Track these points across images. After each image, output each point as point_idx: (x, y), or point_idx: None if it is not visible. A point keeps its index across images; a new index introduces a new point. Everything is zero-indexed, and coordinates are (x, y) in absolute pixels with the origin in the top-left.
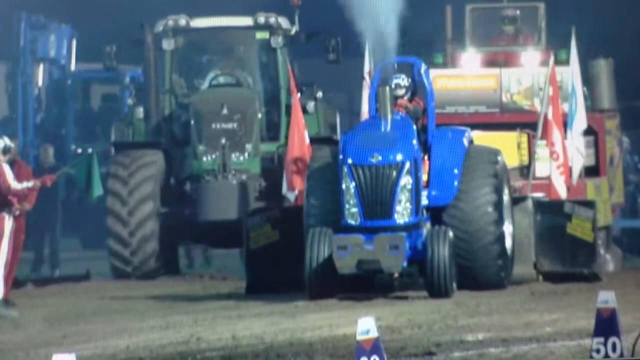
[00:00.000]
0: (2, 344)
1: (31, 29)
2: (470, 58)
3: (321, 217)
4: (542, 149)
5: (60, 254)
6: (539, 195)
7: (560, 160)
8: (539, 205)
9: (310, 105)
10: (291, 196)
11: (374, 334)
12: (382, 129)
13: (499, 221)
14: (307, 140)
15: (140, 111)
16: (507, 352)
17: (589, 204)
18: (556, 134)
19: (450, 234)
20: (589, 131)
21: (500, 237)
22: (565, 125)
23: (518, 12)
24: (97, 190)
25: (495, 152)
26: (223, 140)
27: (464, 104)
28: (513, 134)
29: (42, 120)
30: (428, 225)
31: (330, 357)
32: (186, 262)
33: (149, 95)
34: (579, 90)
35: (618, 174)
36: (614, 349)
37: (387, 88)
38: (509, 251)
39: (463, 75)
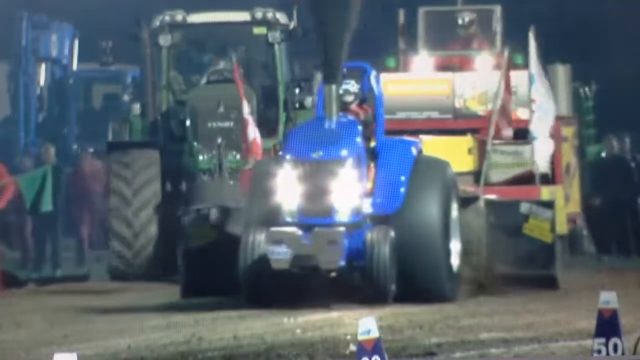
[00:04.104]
0: (4, 342)
1: (33, 28)
2: (423, 62)
3: (263, 216)
4: (496, 154)
5: (61, 253)
6: (492, 196)
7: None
8: (492, 205)
9: (308, 101)
10: None
11: (375, 334)
12: (327, 126)
13: (445, 234)
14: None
15: (137, 108)
16: (508, 353)
17: (548, 204)
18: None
19: (392, 233)
20: None
21: (445, 250)
22: (526, 130)
23: (473, 15)
24: (46, 206)
25: (445, 164)
26: (219, 140)
27: (416, 110)
28: (463, 138)
29: (44, 120)
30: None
31: (332, 358)
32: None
33: (146, 91)
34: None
35: (574, 183)
36: (615, 349)
37: (333, 87)
38: (455, 267)
39: (415, 80)
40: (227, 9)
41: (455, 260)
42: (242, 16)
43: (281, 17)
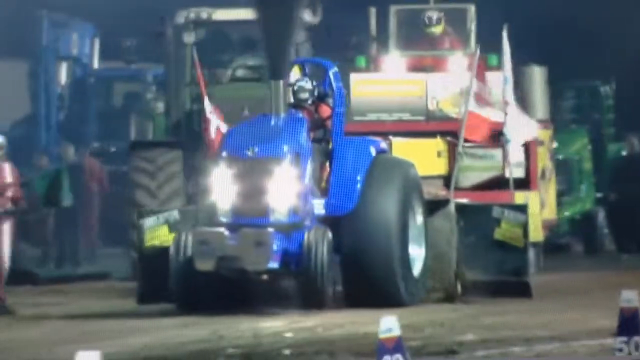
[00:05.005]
0: (23, 340)
1: (53, 28)
2: (395, 62)
3: (206, 216)
4: (466, 158)
5: (80, 251)
6: (463, 200)
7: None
8: (463, 209)
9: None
10: None
11: (396, 332)
12: (271, 123)
13: (403, 236)
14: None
15: (160, 106)
16: (530, 351)
17: (521, 208)
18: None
19: (330, 235)
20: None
21: (402, 253)
22: (500, 132)
23: (440, 14)
24: (64, 201)
25: (407, 165)
26: None
27: (387, 111)
28: (433, 141)
29: (65, 119)
30: None
31: (353, 356)
32: None
33: (169, 89)
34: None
35: (550, 189)
36: (636, 348)
37: (279, 83)
38: (416, 273)
39: (387, 80)
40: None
41: (417, 265)
42: None
43: (306, 15)
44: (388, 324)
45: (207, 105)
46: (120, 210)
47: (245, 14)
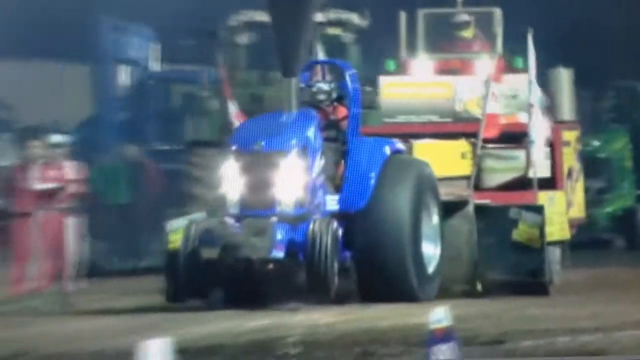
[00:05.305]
0: (84, 331)
1: (113, 32)
2: (423, 65)
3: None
4: (490, 159)
5: (141, 245)
6: (483, 201)
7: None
8: (481, 210)
9: (378, 101)
10: None
11: (447, 322)
12: (279, 119)
13: (415, 233)
14: None
15: (216, 103)
16: (574, 342)
17: (537, 209)
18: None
19: (335, 224)
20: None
21: (414, 250)
22: (525, 134)
23: (469, 17)
24: (121, 198)
25: (421, 164)
26: None
27: (416, 113)
28: (457, 142)
29: (125, 121)
30: None
31: (404, 345)
32: None
33: (224, 89)
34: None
35: (578, 189)
36: None
37: (292, 81)
38: (431, 271)
39: (415, 83)
40: None
41: (432, 264)
42: (316, 16)
43: (354, 18)
44: (439, 314)
45: (232, 108)
46: (177, 211)
47: None
